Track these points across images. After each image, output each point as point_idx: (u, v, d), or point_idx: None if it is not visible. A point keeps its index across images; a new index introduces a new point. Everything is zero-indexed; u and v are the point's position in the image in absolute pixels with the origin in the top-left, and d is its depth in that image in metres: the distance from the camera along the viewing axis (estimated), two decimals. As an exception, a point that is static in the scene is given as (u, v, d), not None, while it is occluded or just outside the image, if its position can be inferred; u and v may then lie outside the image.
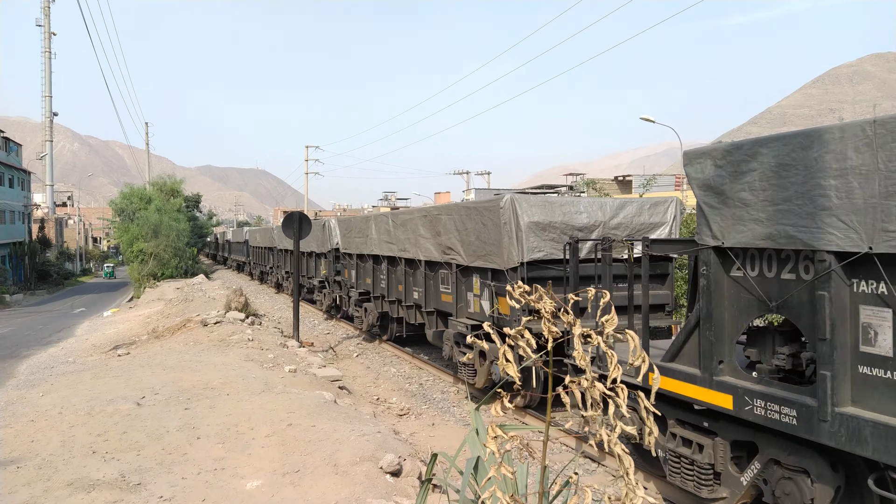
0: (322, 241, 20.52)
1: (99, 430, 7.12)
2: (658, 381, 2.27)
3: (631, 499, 2.19)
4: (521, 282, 7.16)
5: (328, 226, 19.78)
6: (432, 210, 12.12)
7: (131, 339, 16.84)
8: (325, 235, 20.11)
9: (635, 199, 10.18)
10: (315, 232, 20.84)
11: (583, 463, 7.86)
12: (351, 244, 17.26)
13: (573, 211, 9.49)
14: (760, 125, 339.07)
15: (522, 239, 9.13)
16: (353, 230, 16.98)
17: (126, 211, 37.61)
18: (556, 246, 9.19)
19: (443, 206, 12.04)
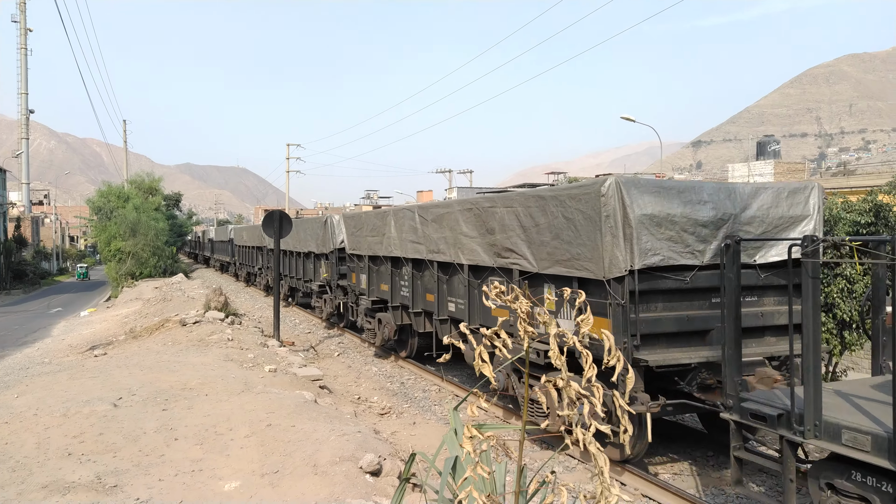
0: (322, 240, 18.48)
1: (75, 432, 7.03)
2: (632, 381, 2.29)
3: (606, 497, 2.20)
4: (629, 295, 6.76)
5: (330, 223, 17.75)
6: (482, 201, 9.70)
7: (108, 339, 16.64)
8: (326, 234, 18.04)
9: (769, 184, 8.00)
10: (313, 230, 19.30)
11: (563, 460, 7.91)
12: (361, 244, 15.05)
13: (695, 199, 7.28)
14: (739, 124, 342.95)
15: (633, 238, 6.86)
16: (365, 228, 14.76)
17: (103, 209, 37.10)
18: (673, 248, 7.06)
19: (500, 195, 9.38)
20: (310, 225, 20.02)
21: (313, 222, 19.64)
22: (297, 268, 22.47)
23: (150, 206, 39.32)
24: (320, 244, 18.71)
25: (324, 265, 18.88)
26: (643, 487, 6.90)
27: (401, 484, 3.07)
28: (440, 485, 2.75)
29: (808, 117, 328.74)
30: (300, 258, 21.83)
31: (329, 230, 17.74)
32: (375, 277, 14.53)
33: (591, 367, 2.24)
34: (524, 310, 2.32)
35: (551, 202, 7.88)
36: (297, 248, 21.69)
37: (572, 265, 7.49)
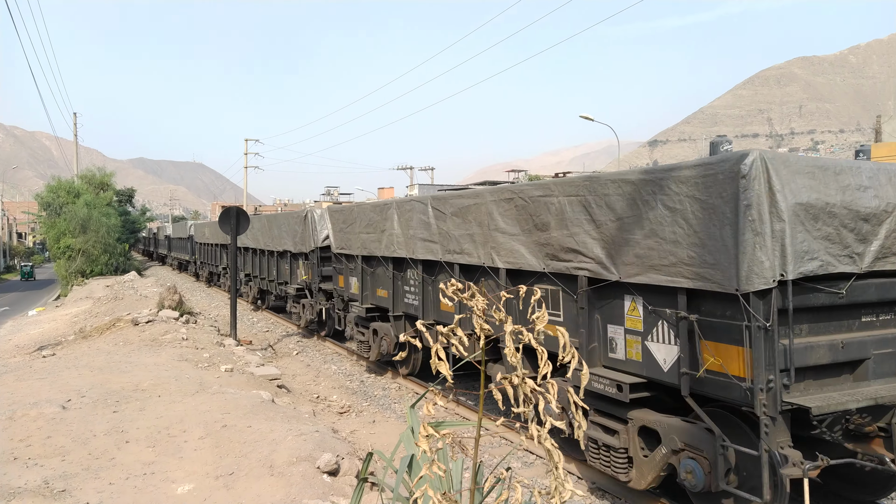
0: (302, 237, 16.29)
1: (21, 436, 6.80)
2: (587, 377, 2.31)
3: (560, 492, 2.22)
4: (777, 314, 4.97)
5: (311, 218, 15.65)
6: (528, 189, 7.63)
7: (57, 339, 16.14)
8: (306, 230, 15.93)
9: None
10: (290, 226, 17.16)
11: (521, 455, 7.96)
12: (352, 241, 12.85)
13: (855, 184, 5.57)
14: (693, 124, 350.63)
15: (785, 236, 5.07)
16: (358, 223, 12.54)
17: (53, 205, 35.97)
18: (830, 250, 5.35)
19: (555, 181, 7.29)
20: (285, 220, 17.77)
21: (290, 217, 17.38)
22: (269, 268, 20.24)
23: (101, 201, 38.30)
24: (298, 242, 16.60)
25: (302, 266, 16.73)
26: (600, 480, 6.98)
27: (359, 483, 3.04)
28: (395, 483, 2.74)
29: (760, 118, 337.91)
30: (273, 258, 19.66)
31: (310, 226, 15.70)
32: (371, 281, 12.39)
33: (546, 363, 2.25)
34: (480, 307, 2.31)
35: (645, 188, 5.95)
36: (270, 247, 19.43)
37: (678, 272, 5.58)
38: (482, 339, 2.44)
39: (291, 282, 17.75)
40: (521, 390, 2.32)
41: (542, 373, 2.26)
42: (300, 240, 16.46)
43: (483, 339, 2.43)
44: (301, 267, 16.92)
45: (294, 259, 17.48)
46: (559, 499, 2.20)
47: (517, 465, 7.61)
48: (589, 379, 6.04)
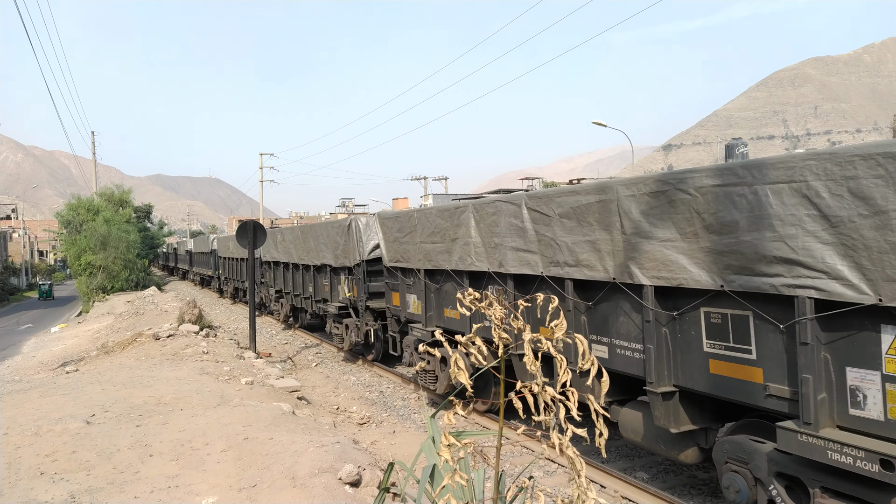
0: (344, 249, 14.57)
1: (47, 451, 6.90)
2: (607, 384, 2.32)
3: (583, 500, 2.23)
4: None
5: (356, 227, 13.91)
6: (694, 177, 5.66)
7: (80, 355, 16.35)
8: (349, 241, 14.22)
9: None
10: (330, 237, 15.46)
11: (543, 464, 7.93)
12: (410, 253, 11.07)
13: None
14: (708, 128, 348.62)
15: None
16: (419, 231, 10.77)
17: (73, 223, 36.50)
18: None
19: (750, 163, 5.23)
20: (324, 231, 16.00)
21: (329, 227, 15.64)
22: (304, 284, 18.28)
23: (120, 218, 38.80)
24: (340, 255, 14.83)
25: (345, 281, 14.75)
26: (623, 489, 6.95)
27: (380, 494, 3.06)
28: (418, 494, 2.76)
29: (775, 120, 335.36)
30: (309, 272, 17.76)
31: (354, 236, 13.94)
32: (436, 299, 10.64)
33: (565, 371, 2.27)
34: (497, 316, 2.33)
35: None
36: (306, 260, 17.59)
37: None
38: (501, 347, 2.45)
39: (332, 299, 15.84)
40: (541, 399, 2.34)
41: (560, 380, 2.27)
42: (342, 252, 14.71)
43: (502, 347, 2.45)
44: (343, 283, 14.96)
45: (335, 274, 15.65)
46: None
47: (539, 474, 7.59)
48: (818, 444, 4.65)
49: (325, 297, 16.61)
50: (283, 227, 20.05)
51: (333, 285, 15.77)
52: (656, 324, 6.07)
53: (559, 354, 2.29)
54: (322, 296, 16.87)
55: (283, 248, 19.74)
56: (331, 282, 15.94)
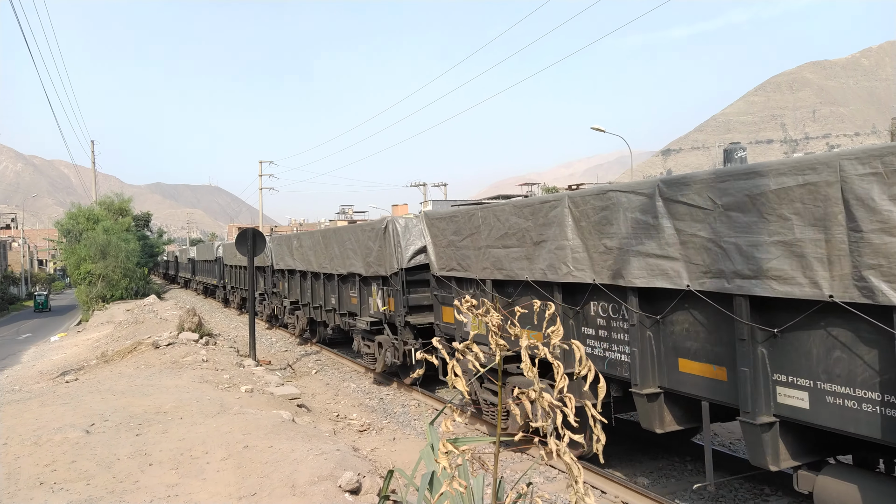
0: (378, 255, 12.53)
1: (46, 461, 6.89)
2: (604, 390, 2.32)
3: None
4: None
5: (393, 230, 11.93)
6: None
7: (80, 364, 16.33)
8: (385, 247, 12.20)
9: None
10: (360, 241, 13.50)
11: (543, 470, 7.92)
12: (471, 260, 9.24)
13: None
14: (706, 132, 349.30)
15: None
16: (484, 232, 8.86)
17: (72, 232, 36.54)
18: None
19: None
20: (352, 235, 14.03)
21: (359, 231, 13.71)
22: (326, 295, 16.29)
23: (120, 227, 38.84)
24: (374, 262, 12.78)
25: (379, 293, 12.74)
26: (624, 495, 6.93)
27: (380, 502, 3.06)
28: (418, 501, 2.76)
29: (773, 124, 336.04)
30: (332, 282, 15.66)
31: (391, 240, 11.95)
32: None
33: (562, 377, 2.27)
34: (494, 322, 2.34)
35: None
36: (328, 269, 15.58)
37: None
38: (498, 354, 2.46)
39: (361, 313, 13.85)
40: (539, 405, 2.34)
41: (558, 386, 2.28)
42: (376, 259, 12.67)
43: (499, 354, 2.45)
44: (376, 294, 12.93)
45: (365, 284, 13.64)
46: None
47: (539, 480, 7.58)
48: None
49: (351, 311, 14.54)
50: (301, 233, 18.23)
51: (363, 297, 13.78)
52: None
53: (556, 360, 2.29)
54: (348, 308, 14.81)
55: (301, 254, 17.80)
56: (360, 293, 13.88)
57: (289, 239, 19.17)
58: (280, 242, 20.16)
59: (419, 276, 11.79)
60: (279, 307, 21.56)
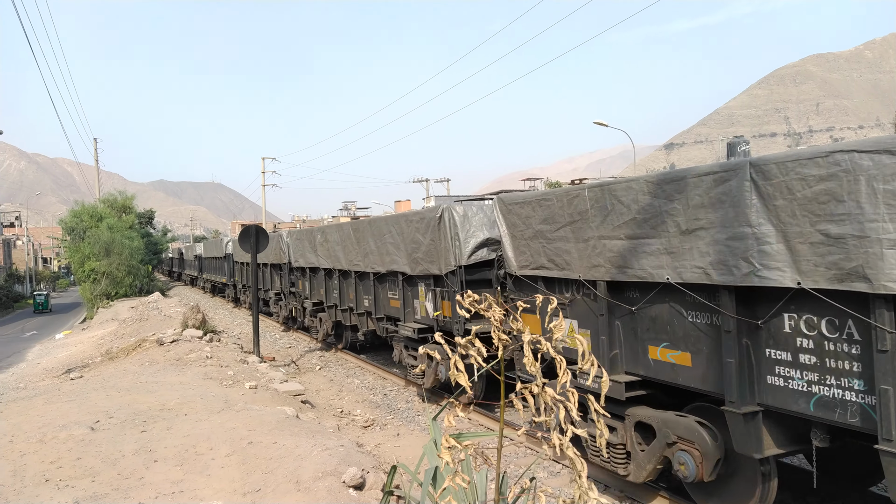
0: (429, 251, 10.68)
1: (52, 458, 6.91)
2: (607, 385, 2.32)
3: (584, 501, 2.23)
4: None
5: (449, 221, 10.03)
6: None
7: (84, 361, 16.39)
8: (438, 240, 10.33)
9: None
10: (405, 234, 11.46)
11: (548, 465, 7.92)
12: (570, 253, 7.33)
13: None
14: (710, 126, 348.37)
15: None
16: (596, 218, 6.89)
17: (76, 230, 36.66)
18: None
19: None
20: (394, 227, 11.99)
21: (403, 222, 11.64)
22: (358, 296, 14.27)
23: (123, 224, 38.95)
24: (423, 258, 10.89)
25: (429, 294, 10.84)
26: (628, 489, 6.93)
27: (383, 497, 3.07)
28: (421, 496, 2.76)
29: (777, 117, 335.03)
30: (365, 281, 13.70)
31: (449, 232, 10.06)
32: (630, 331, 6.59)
33: (565, 372, 2.27)
34: (496, 317, 2.34)
35: None
36: (361, 266, 13.61)
37: None
38: (500, 348, 2.45)
39: (405, 318, 11.83)
40: (541, 399, 2.34)
41: (560, 381, 2.28)
42: (426, 255, 10.80)
43: (501, 348, 2.45)
44: (425, 296, 11.04)
45: (409, 284, 11.69)
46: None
47: (543, 474, 7.58)
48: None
49: (391, 315, 12.65)
50: (327, 226, 16.51)
51: (407, 300, 11.83)
52: None
53: (559, 355, 2.29)
54: (386, 312, 12.85)
55: (326, 250, 15.85)
56: (403, 295, 11.89)
57: (311, 234, 17.23)
58: (300, 238, 18.21)
59: (479, 275, 10.10)
60: (298, 308, 19.35)
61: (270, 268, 22.20)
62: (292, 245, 19.00)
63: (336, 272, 15.51)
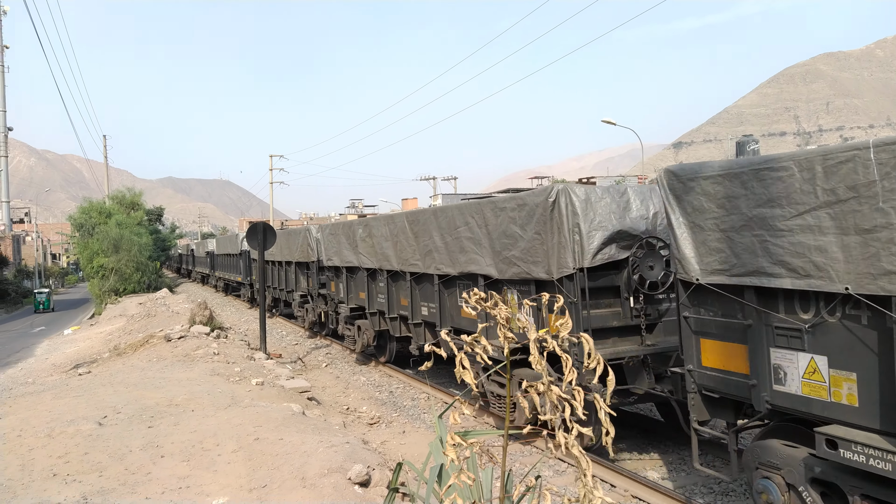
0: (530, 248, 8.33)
1: (60, 452, 6.95)
2: (613, 383, 2.31)
3: (589, 499, 2.22)
4: None
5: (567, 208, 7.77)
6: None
7: (92, 357, 16.48)
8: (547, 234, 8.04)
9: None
10: (493, 225, 9.11)
11: (553, 464, 7.92)
12: (831, 248, 4.74)
13: None
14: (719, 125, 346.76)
15: None
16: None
17: (85, 226, 36.88)
18: None
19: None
20: (473, 216, 9.58)
21: (488, 208, 9.21)
22: (414, 302, 12.03)
23: (132, 221, 39.14)
24: (522, 256, 8.45)
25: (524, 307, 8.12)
26: (634, 489, 6.92)
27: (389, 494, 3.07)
28: (427, 493, 2.76)
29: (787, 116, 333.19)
30: (424, 286, 11.57)
31: (565, 222, 7.73)
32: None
33: (570, 370, 2.26)
34: (502, 315, 2.33)
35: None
36: (418, 267, 11.42)
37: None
38: (507, 347, 2.45)
39: (490, 335, 8.08)
40: (547, 398, 2.33)
41: (567, 379, 2.27)
42: (525, 253, 8.35)
43: (507, 347, 2.44)
44: (519, 308, 8.37)
45: (495, 291, 8.41)
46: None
47: (549, 473, 7.58)
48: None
49: (463, 328, 10.27)
50: (371, 218, 14.40)
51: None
52: None
53: (565, 353, 2.28)
54: (456, 325, 10.51)
55: (369, 246, 13.64)
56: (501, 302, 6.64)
57: (350, 228, 15.00)
58: (335, 232, 16.04)
59: (605, 281, 7.92)
60: (330, 313, 17.07)
61: (295, 266, 20.16)
62: (324, 241, 16.89)
63: (383, 273, 13.12)
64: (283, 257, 21.23)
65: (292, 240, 19.59)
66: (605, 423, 2.27)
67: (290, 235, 20.06)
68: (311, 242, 17.77)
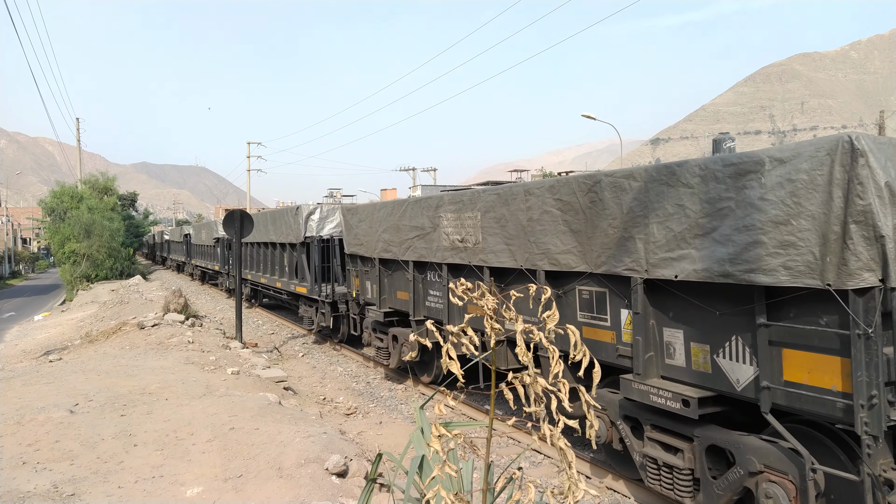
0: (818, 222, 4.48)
1: (29, 440, 6.82)
2: (599, 375, 2.30)
3: (573, 491, 2.22)
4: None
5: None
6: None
7: (64, 343, 16.18)
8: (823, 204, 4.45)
9: None
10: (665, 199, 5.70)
11: (529, 455, 7.95)
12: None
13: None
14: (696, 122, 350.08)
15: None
16: None
17: (56, 210, 36.14)
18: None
19: None
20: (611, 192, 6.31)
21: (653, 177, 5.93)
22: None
23: (104, 206, 38.44)
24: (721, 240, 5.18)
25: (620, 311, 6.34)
26: (608, 481, 6.98)
27: (367, 485, 3.04)
28: (406, 484, 2.74)
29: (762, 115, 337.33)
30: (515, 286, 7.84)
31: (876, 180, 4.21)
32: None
33: (557, 362, 2.25)
34: (490, 307, 2.31)
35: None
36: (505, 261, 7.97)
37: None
38: (493, 338, 2.43)
39: (642, 370, 5.98)
40: (532, 389, 2.32)
41: (553, 371, 2.25)
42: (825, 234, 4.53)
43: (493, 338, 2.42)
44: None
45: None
46: (573, 498, 2.19)
47: (525, 465, 7.61)
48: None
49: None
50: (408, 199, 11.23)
51: (651, 332, 6.13)
52: None
53: (551, 345, 2.27)
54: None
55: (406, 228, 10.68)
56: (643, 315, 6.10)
57: (382, 209, 11.64)
58: (358, 214, 12.76)
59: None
60: (354, 317, 14.01)
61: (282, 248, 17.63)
62: (346, 224, 13.36)
63: (441, 267, 9.71)
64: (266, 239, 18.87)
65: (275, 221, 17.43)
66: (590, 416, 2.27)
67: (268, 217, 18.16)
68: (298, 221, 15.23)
